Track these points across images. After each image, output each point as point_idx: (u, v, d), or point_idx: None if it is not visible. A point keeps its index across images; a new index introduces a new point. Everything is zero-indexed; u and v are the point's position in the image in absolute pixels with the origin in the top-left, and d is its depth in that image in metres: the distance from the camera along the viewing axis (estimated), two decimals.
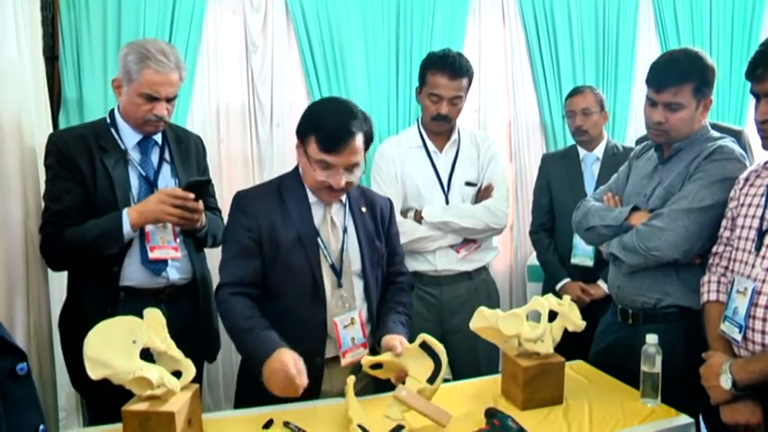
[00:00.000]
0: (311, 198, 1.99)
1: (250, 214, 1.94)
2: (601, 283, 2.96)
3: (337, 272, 1.99)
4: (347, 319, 1.99)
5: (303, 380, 1.71)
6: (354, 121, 1.87)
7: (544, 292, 2.88)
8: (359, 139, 1.88)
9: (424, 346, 1.82)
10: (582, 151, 3.14)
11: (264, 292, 1.97)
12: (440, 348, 1.81)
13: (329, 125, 1.85)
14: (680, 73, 2.02)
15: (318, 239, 1.97)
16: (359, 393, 1.81)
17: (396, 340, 1.88)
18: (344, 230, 2.02)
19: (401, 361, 1.82)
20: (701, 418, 2.11)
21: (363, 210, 2.08)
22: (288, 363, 1.71)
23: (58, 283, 2.47)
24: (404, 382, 1.79)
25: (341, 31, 3.35)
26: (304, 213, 1.98)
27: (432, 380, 1.78)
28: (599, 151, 3.11)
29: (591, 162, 3.12)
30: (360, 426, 1.68)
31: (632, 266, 2.12)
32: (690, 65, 2.03)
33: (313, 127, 1.88)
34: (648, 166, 2.21)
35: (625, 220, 2.12)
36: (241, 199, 2.00)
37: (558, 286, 3.03)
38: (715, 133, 2.12)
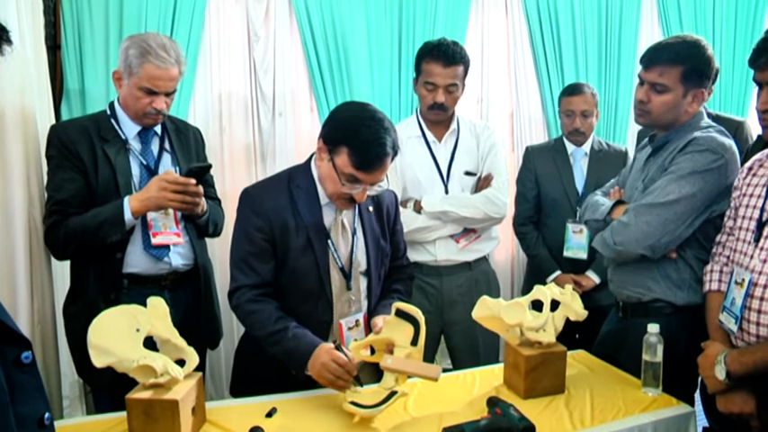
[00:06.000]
0: (323, 200, 1.95)
1: (262, 215, 1.90)
2: (590, 273, 3.00)
3: (347, 274, 1.98)
4: (352, 321, 2.00)
5: (353, 369, 1.78)
6: (390, 139, 1.80)
7: (530, 284, 2.90)
8: (391, 157, 1.85)
9: (400, 313, 1.84)
10: (570, 146, 3.16)
11: None
12: (414, 310, 1.83)
13: (367, 143, 1.78)
14: (670, 54, 1.99)
15: (329, 242, 1.96)
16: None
17: (376, 319, 1.92)
18: (354, 232, 2.01)
19: (386, 335, 1.85)
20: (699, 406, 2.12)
21: (370, 209, 2.05)
22: (338, 354, 1.77)
23: (61, 271, 2.48)
24: (392, 353, 1.81)
25: (343, 21, 3.34)
26: (315, 216, 1.93)
27: (414, 342, 1.82)
28: (587, 147, 3.14)
29: (580, 157, 3.15)
30: (352, 402, 1.71)
31: (609, 260, 2.14)
32: (684, 49, 1.99)
33: (347, 140, 1.79)
34: (643, 158, 2.20)
35: (608, 215, 2.13)
36: (251, 197, 1.95)
37: (550, 279, 3.05)
38: (706, 123, 2.07)
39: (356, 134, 1.79)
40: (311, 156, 2.00)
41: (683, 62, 1.98)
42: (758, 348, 1.67)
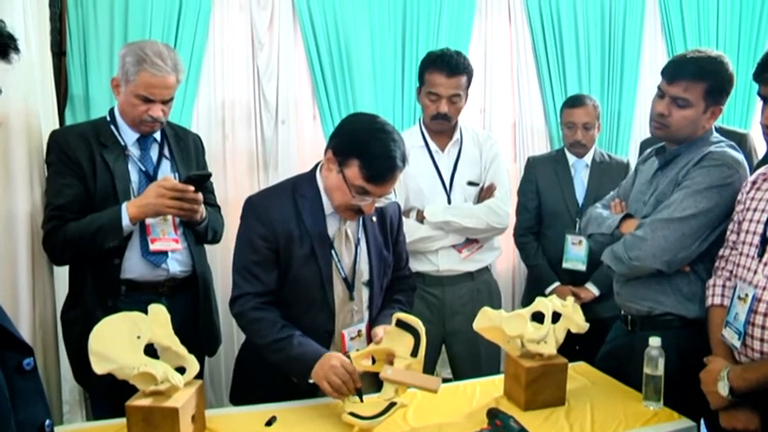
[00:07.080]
0: (327, 209, 1.94)
1: (267, 224, 1.89)
2: (589, 285, 2.99)
3: (349, 285, 1.98)
4: (354, 331, 2.00)
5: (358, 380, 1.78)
6: (400, 151, 1.81)
7: (530, 295, 2.89)
8: (400, 170, 1.84)
9: (400, 324, 1.84)
10: (571, 157, 3.16)
11: None
12: (414, 321, 1.83)
13: (378, 156, 1.78)
14: (695, 69, 1.97)
15: (332, 252, 1.95)
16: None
17: (377, 329, 1.91)
18: (357, 243, 2.00)
19: (386, 346, 1.84)
20: (702, 422, 2.11)
21: (374, 219, 2.04)
22: (347, 361, 1.77)
23: (63, 276, 2.48)
24: (392, 363, 1.81)
25: (347, 30, 3.35)
26: (319, 226, 1.93)
27: (414, 353, 1.81)
28: (588, 158, 3.14)
29: (581, 168, 3.15)
30: (352, 413, 1.71)
31: (621, 275, 2.12)
32: (709, 65, 1.98)
33: (358, 152, 1.79)
34: (650, 171, 2.19)
35: (616, 228, 2.11)
36: (256, 206, 1.94)
37: (549, 290, 3.04)
38: (716, 138, 2.06)
39: (367, 147, 1.79)
40: (316, 165, 2.00)
41: (707, 78, 1.96)
42: (762, 364, 1.66)
